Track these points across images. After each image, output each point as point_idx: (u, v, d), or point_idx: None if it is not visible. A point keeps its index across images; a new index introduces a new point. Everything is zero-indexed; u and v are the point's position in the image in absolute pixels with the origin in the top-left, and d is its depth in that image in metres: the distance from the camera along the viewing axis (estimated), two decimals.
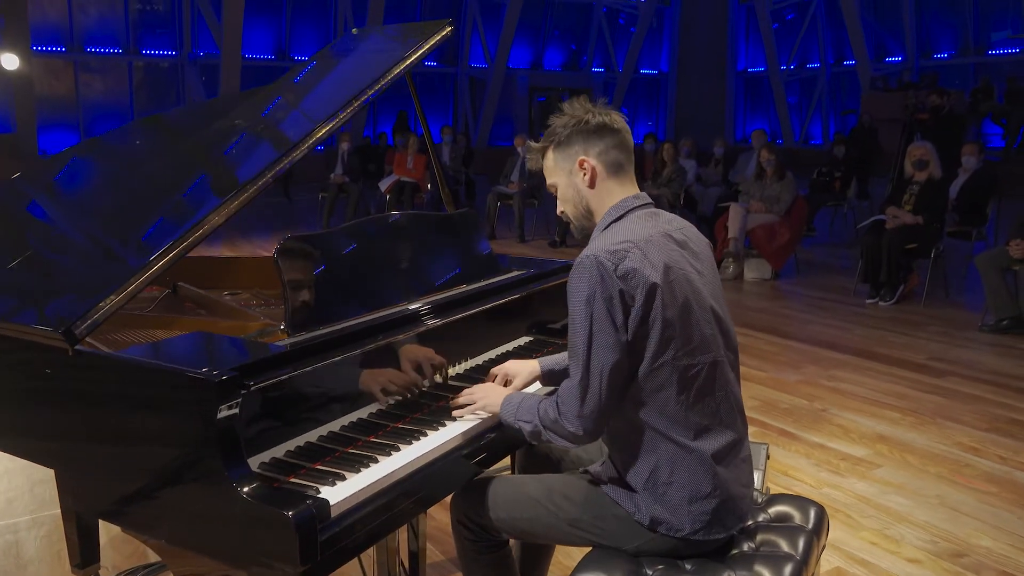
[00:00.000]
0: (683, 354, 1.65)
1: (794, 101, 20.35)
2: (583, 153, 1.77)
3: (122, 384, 1.57)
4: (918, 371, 4.78)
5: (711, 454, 1.67)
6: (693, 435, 1.67)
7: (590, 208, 1.81)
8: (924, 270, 6.61)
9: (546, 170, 1.86)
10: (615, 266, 1.61)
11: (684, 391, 1.66)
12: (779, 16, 20.10)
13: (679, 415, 1.66)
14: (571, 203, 1.83)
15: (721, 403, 1.71)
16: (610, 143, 1.77)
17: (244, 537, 1.43)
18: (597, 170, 1.77)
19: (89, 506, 1.69)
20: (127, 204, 2.02)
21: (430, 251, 2.18)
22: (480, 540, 1.89)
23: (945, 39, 17.16)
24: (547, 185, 1.87)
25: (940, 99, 8.60)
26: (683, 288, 1.66)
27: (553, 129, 1.81)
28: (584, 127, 1.76)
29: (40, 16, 13.76)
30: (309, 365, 1.63)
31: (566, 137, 1.78)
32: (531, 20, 18.61)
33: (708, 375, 1.69)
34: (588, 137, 1.76)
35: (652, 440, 1.68)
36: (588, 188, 1.79)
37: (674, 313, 1.63)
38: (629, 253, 1.63)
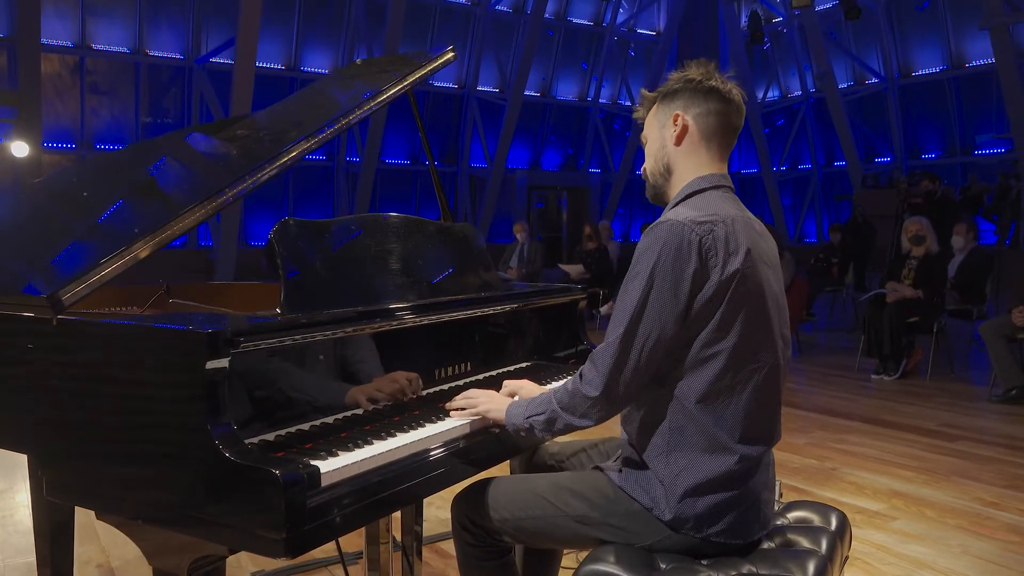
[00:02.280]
0: (747, 348, 1.54)
1: (788, 203, 20.74)
2: (682, 109, 1.67)
3: (108, 350, 1.49)
4: (930, 435, 4.65)
5: (750, 458, 1.57)
6: (739, 437, 1.56)
7: (670, 167, 1.70)
8: (927, 346, 6.55)
9: (647, 121, 1.76)
10: (700, 238, 1.51)
11: (740, 388, 1.55)
12: (769, 121, 20.74)
13: (730, 411, 1.55)
14: (653, 157, 1.72)
15: (769, 409, 1.61)
16: (714, 108, 1.66)
17: (227, 502, 1.32)
18: (690, 129, 1.67)
19: (65, 491, 1.58)
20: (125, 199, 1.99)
21: (430, 255, 2.13)
22: (482, 544, 1.76)
23: (932, 140, 17.65)
24: (640, 137, 1.78)
25: (932, 184, 8.75)
26: (760, 277, 1.56)
27: (668, 82, 1.71)
28: (695, 85, 1.66)
29: (54, 117, 14.18)
30: (300, 335, 1.56)
31: (675, 91, 1.69)
32: (529, 123, 19.17)
33: (767, 377, 1.58)
34: (694, 95, 1.66)
35: (693, 435, 1.56)
36: (674, 144, 1.68)
37: (747, 301, 1.53)
38: (716, 227, 1.53)
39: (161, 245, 1.66)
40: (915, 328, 6.37)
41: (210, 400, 1.34)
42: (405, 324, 1.83)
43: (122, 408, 1.46)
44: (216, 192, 1.78)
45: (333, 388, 1.72)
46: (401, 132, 17.36)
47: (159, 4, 14.45)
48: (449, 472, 1.67)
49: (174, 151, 2.26)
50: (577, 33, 19.21)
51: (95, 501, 1.53)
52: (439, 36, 17.11)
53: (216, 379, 1.35)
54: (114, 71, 14.66)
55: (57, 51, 13.65)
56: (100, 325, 1.53)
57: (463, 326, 2.07)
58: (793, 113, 20.19)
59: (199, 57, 14.79)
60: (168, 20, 14.65)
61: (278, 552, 1.29)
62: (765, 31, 17.25)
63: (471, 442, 1.74)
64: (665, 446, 1.59)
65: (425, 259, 2.10)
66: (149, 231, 1.64)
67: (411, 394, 1.84)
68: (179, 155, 2.23)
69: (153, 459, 1.42)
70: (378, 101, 2.27)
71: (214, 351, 1.36)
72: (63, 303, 1.51)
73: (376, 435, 1.62)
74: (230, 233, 13.70)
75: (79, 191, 2.13)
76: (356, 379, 1.76)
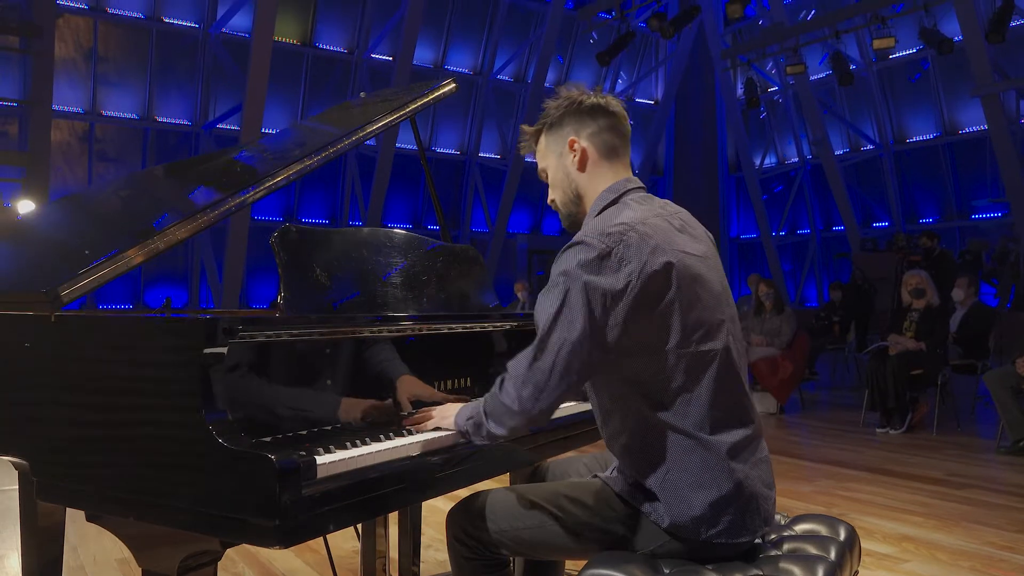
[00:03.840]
0: (690, 341, 1.52)
1: (788, 267, 20.84)
2: (574, 134, 1.68)
3: (106, 343, 1.48)
4: (938, 484, 4.56)
5: (727, 448, 1.53)
6: (709, 428, 1.53)
7: (579, 192, 1.70)
8: (932, 400, 6.49)
9: (538, 155, 1.77)
10: (609, 250, 1.49)
11: (695, 380, 1.53)
12: (767, 187, 21.01)
13: (691, 406, 1.53)
14: (560, 188, 1.72)
15: (734, 394, 1.59)
16: (603, 125, 1.68)
17: (220, 490, 1.30)
18: (588, 152, 1.68)
19: (57, 492, 1.55)
20: (128, 210, 2.01)
21: (430, 271, 2.14)
22: (478, 558, 1.70)
23: (928, 205, 17.85)
24: (538, 171, 1.79)
25: (930, 241, 8.81)
26: (686, 273, 1.54)
27: (547, 111, 1.72)
28: (577, 108, 1.68)
29: (61, 180, 14.40)
30: (295, 330, 1.55)
31: (558, 118, 1.70)
32: (530, 188, 19.43)
33: (721, 364, 1.56)
34: (580, 118, 1.68)
35: (664, 435, 1.54)
36: (577, 171, 1.69)
37: (678, 301, 1.51)
38: (625, 236, 1.51)
39: (154, 253, 1.67)
40: (919, 381, 6.32)
41: (206, 387, 1.33)
42: (402, 332, 1.82)
43: (118, 402, 1.45)
44: (210, 206, 1.79)
45: (328, 402, 1.69)
46: (403, 196, 17.57)
47: (169, 73, 14.83)
48: (445, 478, 1.64)
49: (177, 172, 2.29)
50: None
51: (87, 501, 1.49)
52: (442, 104, 17.47)
53: (213, 366, 1.34)
54: (122, 137, 14.94)
55: (68, 117, 13.94)
56: (98, 319, 1.53)
57: (461, 341, 2.06)
58: (790, 179, 20.47)
59: (206, 123, 15.10)
60: (177, 88, 15.01)
61: (271, 540, 1.26)
62: (761, 100, 17.64)
63: (468, 451, 1.71)
64: (647, 454, 1.57)
65: (425, 274, 2.11)
66: (142, 240, 1.66)
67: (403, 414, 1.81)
68: (179, 176, 2.26)
69: (147, 451, 1.40)
70: (379, 126, 2.31)
71: (212, 339, 1.35)
72: (62, 299, 1.51)
73: (374, 437, 1.60)
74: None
75: (92, 207, 2.15)
76: (354, 392, 1.73)
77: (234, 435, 1.32)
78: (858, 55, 16.86)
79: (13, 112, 12.97)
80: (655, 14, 11.82)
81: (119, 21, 14.15)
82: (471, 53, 17.63)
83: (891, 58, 16.76)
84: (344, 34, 16.14)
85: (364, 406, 1.72)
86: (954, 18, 13.58)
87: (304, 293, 1.75)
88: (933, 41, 11.66)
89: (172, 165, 2.48)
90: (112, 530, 1.49)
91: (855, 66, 15.84)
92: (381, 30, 15.91)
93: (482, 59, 17.67)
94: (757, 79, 15.38)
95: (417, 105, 2.46)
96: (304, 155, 2.01)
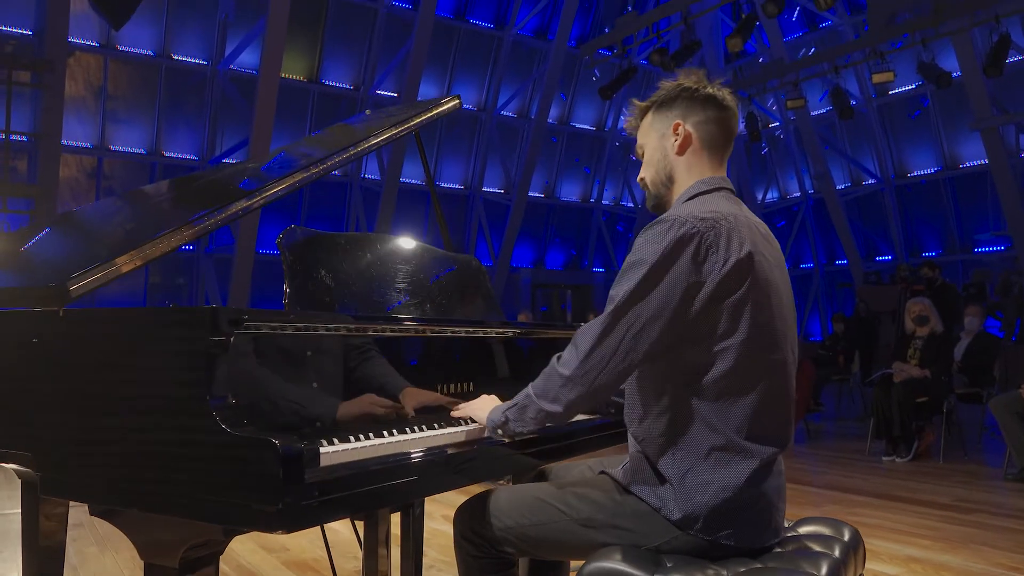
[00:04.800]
0: (754, 346, 1.51)
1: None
2: (681, 118, 1.68)
3: (114, 336, 1.50)
4: (944, 509, 4.52)
5: (761, 459, 1.53)
6: (747, 435, 1.52)
7: (672, 176, 1.70)
8: (938, 428, 6.45)
9: (640, 131, 1.76)
10: (701, 233, 1.49)
11: (748, 384, 1.52)
12: (769, 222, 21.04)
13: (736, 408, 1.52)
14: (654, 167, 1.72)
15: (780, 409, 1.58)
16: (712, 116, 1.67)
17: (224, 476, 1.30)
18: (691, 137, 1.67)
19: (61, 486, 1.55)
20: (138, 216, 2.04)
21: (433, 277, 2.16)
22: (484, 556, 1.70)
23: (931, 239, 17.89)
24: (635, 148, 1.78)
25: (932, 271, 8.82)
26: (763, 275, 1.53)
27: (660, 90, 1.72)
28: (691, 93, 1.68)
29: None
30: (300, 325, 1.56)
31: (669, 99, 1.70)
32: (534, 223, 19.54)
33: (776, 376, 1.55)
34: (691, 104, 1.68)
35: (701, 432, 1.53)
36: (676, 154, 1.68)
37: (751, 298, 1.50)
38: (717, 224, 1.51)
39: (164, 251, 1.70)
40: (924, 409, 6.29)
41: (211, 375, 1.34)
42: (404, 332, 1.84)
43: (124, 392, 1.46)
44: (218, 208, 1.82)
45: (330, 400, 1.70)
46: (408, 229, 17.67)
47: (177, 109, 15.02)
48: (448, 476, 1.64)
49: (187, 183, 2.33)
50: (580, 137, 19.83)
51: (91, 493, 1.50)
52: (447, 139, 17.69)
53: (218, 355, 1.36)
54: (130, 171, 15.08)
55: (76, 151, 14.10)
56: (106, 311, 1.54)
57: (464, 345, 2.07)
58: (792, 214, 20.55)
59: (213, 158, 15.26)
60: (185, 123, 15.19)
61: (274, 524, 1.26)
62: (762, 135, 17.79)
63: (470, 450, 1.71)
64: (673, 444, 1.56)
65: (428, 280, 2.12)
66: (150, 239, 1.68)
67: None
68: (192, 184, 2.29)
69: (152, 441, 1.40)
70: (384, 137, 2.34)
71: (217, 327, 1.37)
72: (71, 293, 1.53)
73: (377, 433, 1.60)
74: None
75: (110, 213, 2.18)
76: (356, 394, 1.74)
77: (239, 422, 1.33)
78: (858, 91, 17.03)
79: (23, 147, 13.13)
80: (657, 50, 11.97)
81: (129, 58, 14.38)
82: (475, 89, 17.85)
83: (891, 94, 16.93)
84: (350, 70, 16.37)
85: (366, 405, 1.73)
86: (952, 53, 13.76)
87: (308, 293, 1.76)
88: (931, 75, 11.79)
89: (180, 179, 2.52)
90: (115, 523, 1.49)
91: (855, 102, 15.98)
92: (387, 67, 16.14)
93: (486, 95, 17.89)
94: (758, 114, 15.52)
95: (422, 119, 2.50)
96: (311, 163, 2.05)
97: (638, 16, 12.00)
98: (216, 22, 14.64)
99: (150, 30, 14.31)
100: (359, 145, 2.22)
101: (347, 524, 3.95)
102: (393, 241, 2.07)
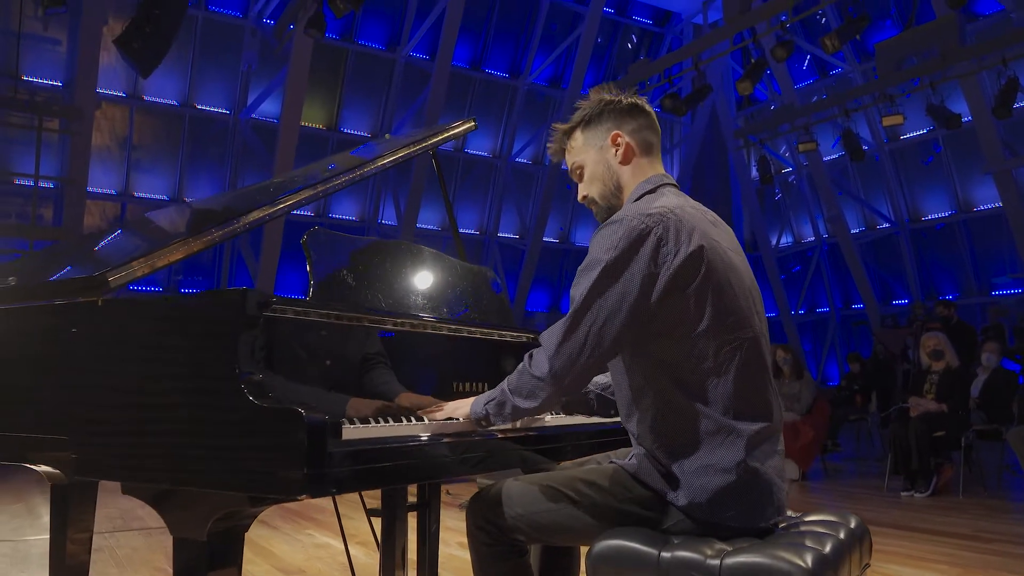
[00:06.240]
0: (722, 328, 1.58)
1: (808, 347, 20.71)
2: (616, 129, 1.77)
3: (148, 318, 1.59)
4: (964, 539, 4.48)
5: (749, 436, 1.58)
6: (733, 415, 1.59)
7: (620, 184, 1.77)
8: (957, 464, 6.39)
9: (572, 151, 1.83)
10: (649, 229, 1.56)
11: (723, 366, 1.59)
12: (784, 267, 21.11)
13: (718, 391, 1.58)
14: (600, 181, 1.79)
15: (759, 385, 1.64)
16: (642, 123, 1.78)
17: (252, 446, 1.38)
18: (631, 146, 1.77)
19: (95, 466, 1.61)
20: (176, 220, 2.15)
21: (448, 283, 2.24)
22: (497, 544, 1.74)
23: (947, 282, 17.82)
24: (570, 169, 1.85)
25: (947, 310, 8.82)
26: (719, 259, 1.61)
27: (582, 109, 1.80)
28: (616, 106, 1.78)
29: None
30: (323, 313, 1.65)
31: (597, 115, 1.79)
32: (549, 268, 19.67)
33: (749, 353, 1.62)
34: (620, 115, 1.77)
35: (689, 418, 1.59)
36: (620, 164, 1.77)
37: (711, 283, 1.58)
38: (665, 218, 1.59)
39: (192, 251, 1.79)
40: (942, 444, 6.25)
41: (240, 352, 1.42)
42: (418, 328, 1.92)
43: (157, 372, 1.54)
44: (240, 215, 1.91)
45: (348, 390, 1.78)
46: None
47: (200, 156, 15.38)
48: (461, 462, 1.70)
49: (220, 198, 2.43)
50: None
51: (123, 471, 1.57)
52: (462, 186, 17.95)
53: (246, 332, 1.44)
54: None
55: (100, 198, 14.43)
56: (142, 298, 1.63)
57: (474, 347, 2.15)
58: (807, 259, 20.56)
59: None
60: (207, 170, 15.54)
61: (298, 489, 1.32)
62: (775, 180, 17.94)
63: (482, 439, 1.77)
64: (666, 435, 1.62)
65: (443, 285, 2.21)
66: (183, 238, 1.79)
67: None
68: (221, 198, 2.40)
69: (183, 417, 1.48)
70: (399, 156, 2.44)
71: (247, 308, 1.45)
72: (109, 284, 1.63)
73: (395, 419, 1.67)
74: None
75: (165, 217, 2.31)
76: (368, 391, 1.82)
77: (265, 396, 1.40)
78: (870, 136, 17.18)
79: (48, 194, 13.46)
80: (668, 95, 12.20)
81: (154, 107, 14.79)
82: (491, 136, 18.17)
83: (902, 138, 17.06)
84: (368, 119, 16.73)
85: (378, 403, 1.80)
86: (962, 97, 13.91)
87: (330, 289, 1.85)
88: (941, 117, 11.92)
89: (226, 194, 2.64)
90: (146, 499, 1.57)
91: (867, 147, 16.12)
92: (404, 114, 16.49)
93: (501, 142, 18.19)
94: (770, 159, 15.70)
95: (439, 139, 2.60)
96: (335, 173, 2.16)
97: (650, 62, 12.25)
98: (239, 72, 15.06)
99: (175, 80, 14.74)
100: (376, 161, 2.33)
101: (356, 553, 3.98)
102: (412, 248, 2.16)
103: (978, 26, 14.35)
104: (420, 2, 15.94)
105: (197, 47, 14.68)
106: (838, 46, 9.68)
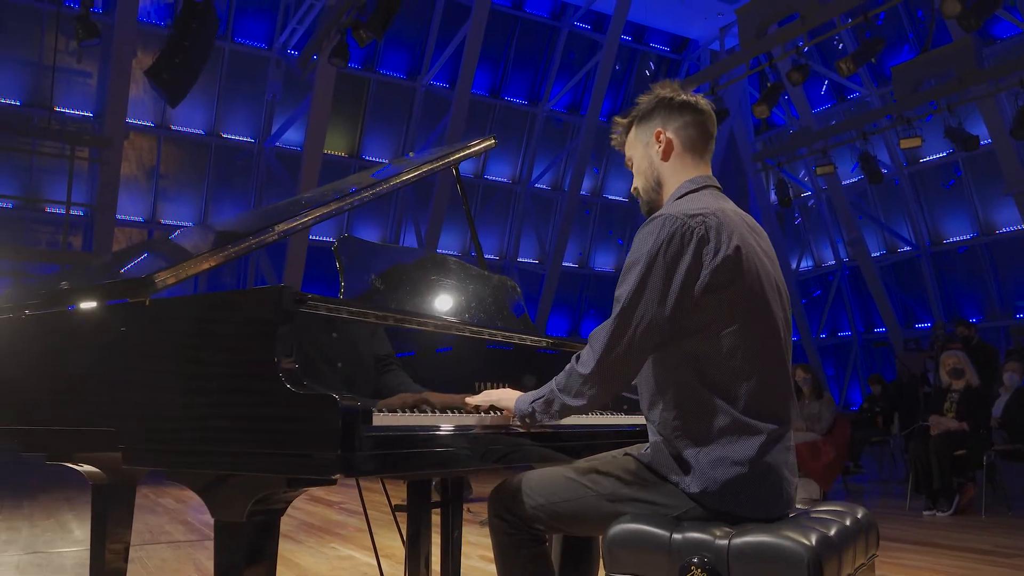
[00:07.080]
0: (752, 329, 1.65)
1: (831, 372, 20.57)
2: (661, 126, 1.84)
3: (193, 316, 1.70)
4: (985, 554, 4.48)
5: (767, 435, 1.65)
6: (754, 414, 1.65)
7: (660, 180, 1.85)
8: (979, 483, 6.37)
9: (627, 145, 1.92)
10: (693, 228, 1.63)
11: (750, 367, 1.65)
12: (805, 291, 21.04)
13: (743, 390, 1.65)
14: (643, 175, 1.87)
15: (780, 387, 1.71)
16: (690, 120, 1.83)
17: (288, 430, 1.48)
18: (673, 143, 1.83)
19: (142, 456, 1.72)
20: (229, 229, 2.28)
21: (473, 291, 2.35)
22: (517, 533, 1.83)
23: (970, 305, 17.68)
24: (625, 161, 1.94)
25: (967, 330, 8.79)
26: (753, 264, 1.68)
27: (638, 105, 1.89)
28: (667, 102, 1.84)
29: None
30: (353, 310, 1.75)
31: (648, 111, 1.86)
32: (568, 292, 19.75)
33: (774, 355, 1.70)
34: (669, 112, 1.84)
35: (711, 414, 1.66)
36: (661, 160, 1.84)
37: (746, 286, 1.65)
38: (707, 219, 1.66)
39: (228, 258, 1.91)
40: (963, 463, 6.22)
41: (278, 344, 1.53)
42: (447, 330, 2.02)
43: (202, 365, 1.65)
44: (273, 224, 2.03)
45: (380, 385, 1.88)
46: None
47: (225, 184, 15.70)
48: (487, 454, 1.79)
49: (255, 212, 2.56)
50: (613, 208, 20.17)
51: (169, 459, 1.68)
52: (482, 212, 18.13)
53: (283, 325, 1.55)
54: None
55: (128, 225, 14.75)
56: (187, 297, 1.75)
57: (505, 354, 2.24)
58: (828, 283, 20.50)
59: None
60: (232, 197, 15.85)
61: (332, 469, 1.42)
62: (795, 204, 17.96)
63: (506, 435, 1.86)
64: (685, 427, 1.69)
65: (468, 293, 2.32)
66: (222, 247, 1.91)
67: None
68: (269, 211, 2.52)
69: (225, 404, 1.59)
70: (423, 171, 2.56)
71: (284, 303, 1.56)
72: (156, 285, 1.75)
73: (421, 411, 1.77)
74: None
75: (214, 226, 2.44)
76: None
77: (301, 383, 1.51)
78: (889, 160, 17.19)
79: (78, 222, 13.80)
80: None
81: (181, 137, 15.15)
82: (510, 163, 18.38)
83: (921, 161, 17.05)
84: (390, 146, 17.00)
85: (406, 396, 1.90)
86: (980, 119, 13.92)
87: (360, 294, 1.97)
88: (958, 139, 11.94)
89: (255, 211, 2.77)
90: (188, 484, 1.67)
91: (887, 170, 16.12)
92: (424, 142, 16.74)
93: (521, 168, 18.40)
94: (789, 182, 15.74)
95: (460, 155, 2.72)
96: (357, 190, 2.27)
97: None
98: (263, 102, 15.41)
99: (201, 110, 15.11)
100: (401, 176, 2.45)
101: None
102: (438, 257, 2.28)
103: (995, 49, 14.41)
104: (440, 31, 16.26)
105: (223, 78, 15.06)
106: (853, 69, 9.78)
